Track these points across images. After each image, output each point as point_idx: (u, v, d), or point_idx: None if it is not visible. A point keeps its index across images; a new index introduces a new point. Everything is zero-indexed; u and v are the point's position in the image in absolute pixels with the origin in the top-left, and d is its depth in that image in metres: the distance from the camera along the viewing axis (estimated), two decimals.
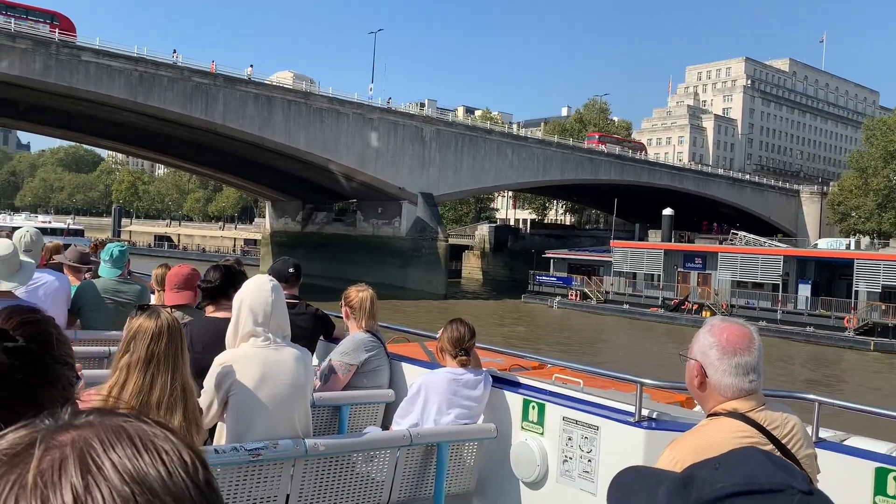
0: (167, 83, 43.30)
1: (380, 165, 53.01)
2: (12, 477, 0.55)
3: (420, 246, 54.20)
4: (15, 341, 1.20)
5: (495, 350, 5.27)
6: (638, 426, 3.66)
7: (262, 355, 3.32)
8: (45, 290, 5.11)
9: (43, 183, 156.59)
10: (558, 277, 54.88)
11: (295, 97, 49.10)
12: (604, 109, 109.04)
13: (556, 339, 39.48)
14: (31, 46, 38.71)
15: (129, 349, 2.71)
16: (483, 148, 59.29)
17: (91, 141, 56.80)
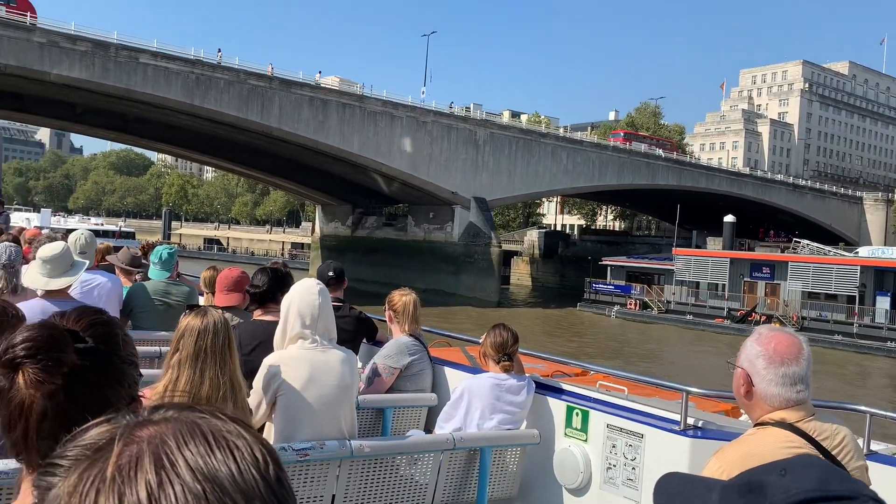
0: (223, 86, 42.96)
1: (433, 169, 52.04)
2: (94, 471, 0.58)
3: (473, 252, 53.04)
4: (85, 342, 1.24)
5: (537, 356, 5.18)
6: (683, 434, 3.63)
7: (310, 357, 3.37)
8: (99, 291, 5.24)
9: (95, 186, 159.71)
10: (616, 286, 53.17)
11: (350, 100, 48.42)
12: (656, 113, 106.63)
13: (614, 350, 37.93)
14: (91, 48, 38.66)
15: (178, 347, 2.81)
16: (537, 152, 57.92)
17: (145, 144, 57.00)
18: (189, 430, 0.60)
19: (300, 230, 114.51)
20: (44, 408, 1.18)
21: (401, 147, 50.21)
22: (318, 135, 46.70)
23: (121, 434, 0.60)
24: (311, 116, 46.44)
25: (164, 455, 0.57)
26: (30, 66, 36.90)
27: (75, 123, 50.34)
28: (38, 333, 1.23)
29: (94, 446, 0.61)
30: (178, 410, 0.63)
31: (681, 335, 45.26)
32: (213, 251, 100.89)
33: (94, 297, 5.19)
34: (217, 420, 0.62)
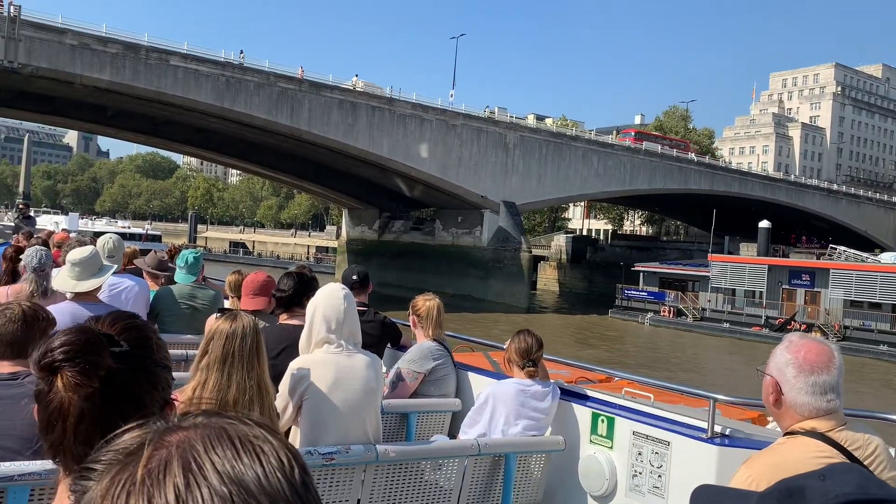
0: (253, 88, 42.60)
1: (462, 173, 51.35)
2: (125, 475, 0.60)
3: (502, 257, 52.22)
4: (120, 346, 1.27)
5: (561, 361, 5.18)
6: (710, 442, 3.60)
7: (335, 361, 3.38)
8: (127, 295, 5.32)
9: (122, 189, 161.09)
10: (649, 292, 52.04)
11: (379, 103, 47.89)
12: (685, 117, 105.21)
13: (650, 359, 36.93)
14: (122, 51, 38.46)
15: (207, 350, 2.83)
16: (568, 155, 57.01)
17: (175, 147, 56.93)
18: (216, 434, 0.62)
19: (325, 234, 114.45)
20: (81, 410, 1.20)
21: (430, 150, 49.56)
22: (348, 138, 46.20)
23: (151, 439, 0.62)
24: (340, 119, 45.96)
25: (192, 459, 0.59)
26: (61, 68, 36.76)
27: (105, 126, 50.30)
28: (75, 337, 1.25)
29: (126, 450, 0.63)
30: (206, 416, 0.65)
31: (716, 344, 44.10)
32: (238, 255, 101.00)
33: (122, 300, 5.25)
34: (244, 425, 0.64)
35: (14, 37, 35.14)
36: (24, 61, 35.61)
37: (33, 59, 35.93)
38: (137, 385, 1.28)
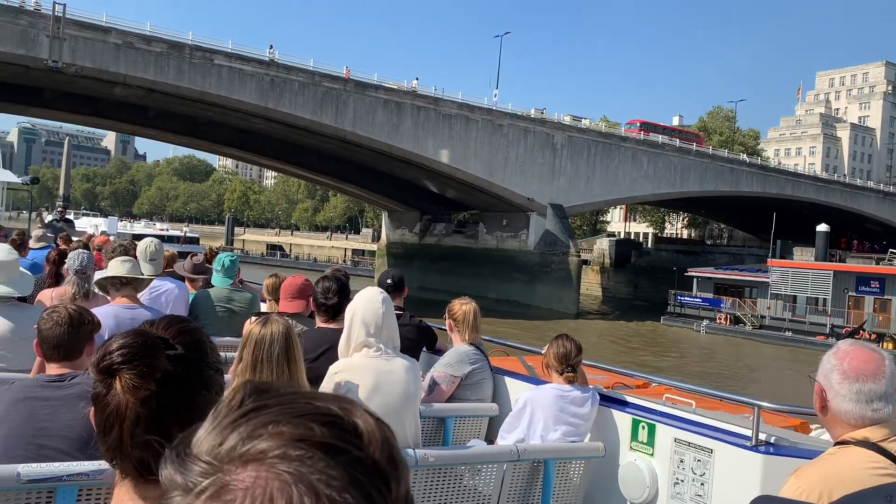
0: (298, 88, 41.56)
1: (508, 174, 49.80)
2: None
3: (549, 261, 50.54)
4: (175, 349, 1.28)
5: (598, 366, 5.03)
6: (755, 451, 3.52)
7: (375, 365, 3.39)
8: (167, 298, 5.55)
9: (159, 192, 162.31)
10: (703, 299, 49.95)
11: (424, 103, 46.58)
12: (729, 117, 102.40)
13: (713, 369, 35.03)
14: (166, 50, 37.66)
15: (241, 357, 2.88)
16: (617, 156, 55.15)
17: (215, 149, 56.27)
18: (295, 483, 0.54)
19: (360, 236, 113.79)
20: (137, 413, 1.22)
21: (476, 151, 48.10)
22: (392, 138, 44.96)
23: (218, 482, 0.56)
24: (385, 119, 44.74)
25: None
26: (105, 67, 36.06)
27: (147, 128, 49.71)
28: (133, 340, 1.27)
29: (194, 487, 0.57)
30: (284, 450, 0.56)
31: (777, 353, 41.95)
32: (275, 257, 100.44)
33: (162, 302, 5.35)
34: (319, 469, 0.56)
35: (59, 36, 34.51)
36: (69, 61, 34.95)
37: (77, 59, 35.25)
38: (192, 388, 1.28)
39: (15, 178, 18.95)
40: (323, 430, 0.57)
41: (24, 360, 3.85)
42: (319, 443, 0.56)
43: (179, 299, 5.74)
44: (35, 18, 34.35)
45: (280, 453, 0.55)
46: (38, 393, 2.56)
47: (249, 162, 64.88)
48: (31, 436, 2.48)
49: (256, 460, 0.55)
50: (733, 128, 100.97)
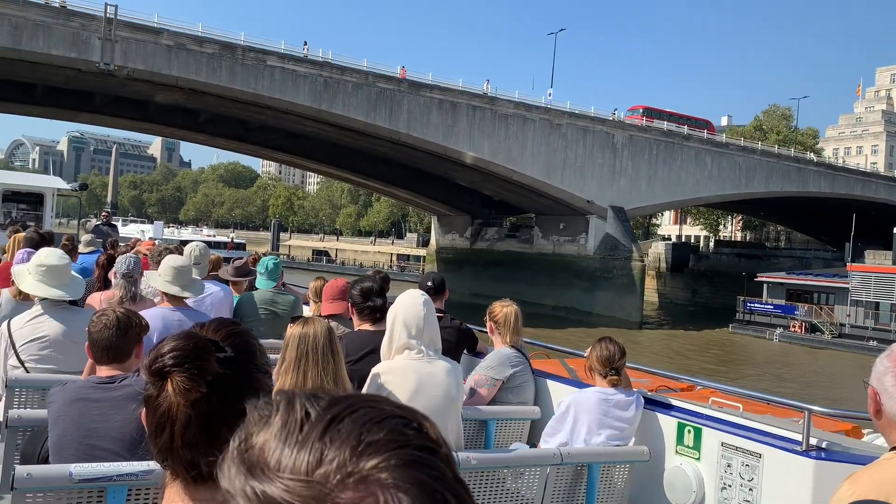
0: (351, 89, 40.18)
1: (567, 176, 47.76)
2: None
3: (611, 266, 48.30)
4: (225, 352, 1.30)
5: (641, 369, 5.02)
6: (806, 456, 3.46)
7: (417, 367, 3.39)
8: (212, 300, 5.68)
9: (205, 198, 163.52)
10: (775, 305, 47.20)
11: (480, 102, 44.84)
12: (786, 116, 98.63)
13: (806, 384, 32.59)
14: (218, 51, 36.59)
15: (284, 357, 2.94)
16: (679, 156, 52.68)
17: (265, 154, 55.32)
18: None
19: (405, 241, 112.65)
20: (188, 416, 1.22)
21: (533, 152, 46.21)
22: (448, 140, 43.32)
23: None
24: (439, 120, 43.11)
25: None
26: (157, 69, 35.10)
27: (197, 133, 48.92)
28: (184, 343, 1.29)
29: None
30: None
31: (859, 362, 39.21)
32: (321, 262, 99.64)
33: (207, 305, 5.51)
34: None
35: (110, 38, 33.64)
36: (121, 63, 34.07)
37: (129, 61, 34.35)
38: (241, 390, 1.26)
39: (65, 184, 19.03)
40: (411, 433, 0.57)
41: (75, 362, 3.96)
42: (417, 446, 0.56)
43: (224, 302, 5.85)
44: (87, 21, 33.54)
45: (391, 464, 0.54)
46: (89, 394, 2.64)
47: (299, 167, 63.92)
48: (83, 436, 2.55)
49: (371, 478, 0.54)
50: (791, 126, 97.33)
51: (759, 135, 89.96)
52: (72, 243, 9.14)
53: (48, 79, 36.15)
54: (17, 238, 7.48)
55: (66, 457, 2.51)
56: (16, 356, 4.16)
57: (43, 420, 2.89)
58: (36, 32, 32.18)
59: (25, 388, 4.00)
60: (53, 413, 2.64)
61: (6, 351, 4.20)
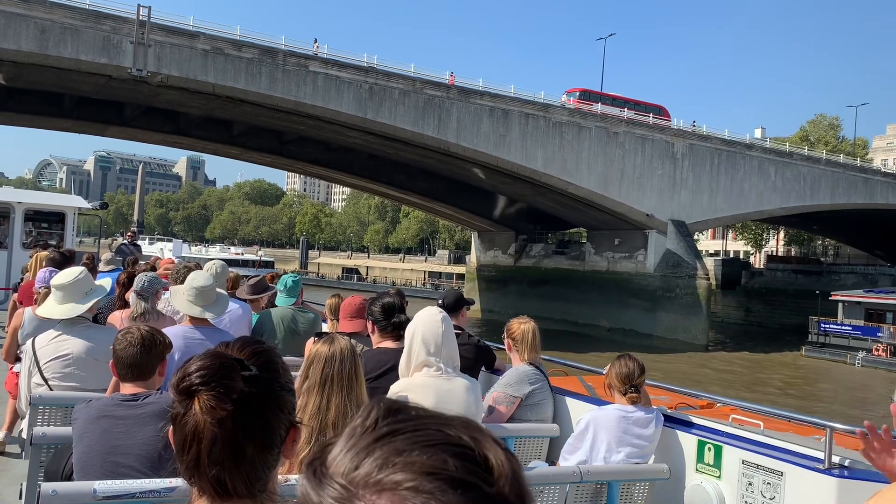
0: (398, 96, 37.35)
1: (625, 188, 44.50)
2: None
3: (673, 285, 44.83)
4: (250, 370, 1.31)
5: (660, 386, 4.98)
6: (828, 474, 3.42)
7: (436, 385, 3.41)
8: (231, 318, 5.71)
9: (231, 216, 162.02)
10: (854, 326, 43.41)
11: (533, 109, 41.81)
12: (833, 125, 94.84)
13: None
14: (258, 56, 33.94)
15: (307, 375, 2.88)
16: (742, 166, 49.21)
17: (300, 168, 52.69)
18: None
19: (436, 258, 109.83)
20: (214, 434, 1.24)
21: (589, 162, 43.05)
22: (499, 150, 40.30)
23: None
24: (490, 129, 40.13)
25: None
26: (193, 76, 32.51)
27: (230, 146, 46.37)
28: (210, 362, 1.30)
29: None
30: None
31: None
32: (352, 281, 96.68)
33: (226, 323, 5.50)
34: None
35: (143, 42, 31.09)
36: (154, 69, 31.50)
37: (163, 67, 31.78)
38: (266, 408, 1.28)
39: (86, 203, 19.01)
40: (455, 462, 0.57)
41: (97, 379, 4.10)
42: (452, 477, 0.56)
43: (243, 319, 5.93)
44: (118, 23, 31.03)
45: (413, 486, 0.55)
46: (113, 412, 2.68)
47: (334, 181, 61.24)
48: (107, 453, 2.60)
49: (389, 490, 0.55)
50: (839, 137, 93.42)
51: (806, 145, 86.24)
52: (91, 262, 9.21)
53: (77, 87, 33.73)
54: (39, 257, 7.58)
55: (91, 473, 2.56)
56: (39, 374, 4.24)
57: (66, 437, 2.98)
58: (64, 36, 29.72)
59: (49, 405, 4.04)
60: (78, 430, 2.69)
61: (30, 369, 4.28)
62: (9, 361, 5.67)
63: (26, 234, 15.85)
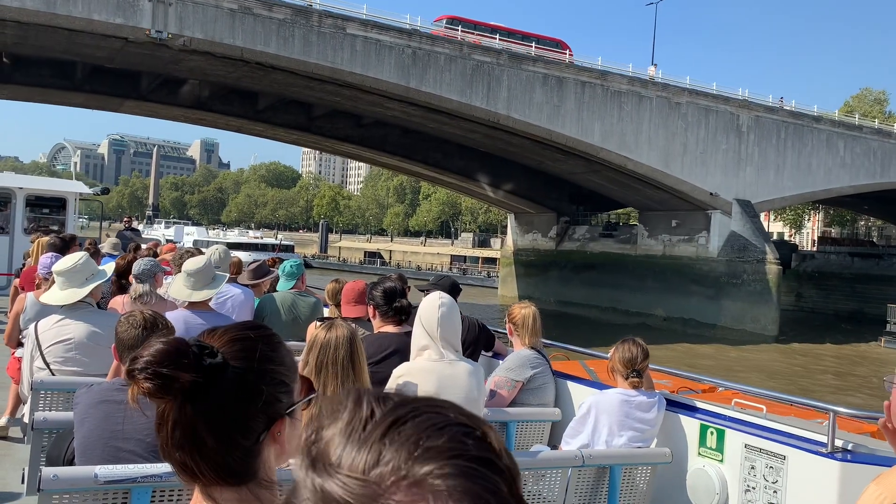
0: (444, 63, 33.55)
1: (687, 164, 40.60)
2: None
3: (740, 270, 40.99)
4: (213, 358, 1.23)
5: (662, 370, 5.04)
6: (831, 458, 3.47)
7: (438, 369, 3.45)
8: (233, 303, 5.80)
9: (248, 199, 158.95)
10: None
11: (590, 77, 37.89)
12: (880, 100, 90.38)
13: None
14: (290, 16, 30.22)
15: (306, 361, 2.92)
16: (810, 140, 45.11)
17: (329, 145, 49.03)
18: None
19: (460, 241, 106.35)
20: (175, 419, 1.22)
21: (650, 136, 39.17)
22: (553, 123, 36.48)
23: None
24: (544, 99, 36.29)
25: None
26: (219, 39, 28.88)
27: (254, 122, 42.82)
28: (157, 348, 1.24)
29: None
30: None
31: None
32: (375, 265, 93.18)
33: (228, 308, 5.62)
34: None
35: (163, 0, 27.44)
36: (175, 31, 27.90)
37: (185, 29, 28.16)
38: (234, 398, 1.22)
39: (87, 189, 19.24)
40: (472, 442, 0.58)
41: (99, 364, 4.06)
42: (474, 456, 0.57)
43: (245, 304, 5.89)
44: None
45: (444, 472, 0.55)
46: (114, 396, 2.66)
47: (363, 159, 57.61)
48: (108, 438, 2.60)
49: (420, 479, 0.55)
50: (885, 112, 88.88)
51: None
52: (94, 247, 9.36)
53: (89, 53, 30.19)
54: (41, 242, 7.71)
55: (92, 458, 2.56)
56: (41, 358, 4.24)
57: (68, 422, 2.99)
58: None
59: (51, 390, 4.04)
60: (79, 414, 2.69)
61: (33, 353, 4.28)
62: (11, 346, 5.71)
63: (28, 219, 15.98)
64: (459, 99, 33.87)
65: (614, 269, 47.99)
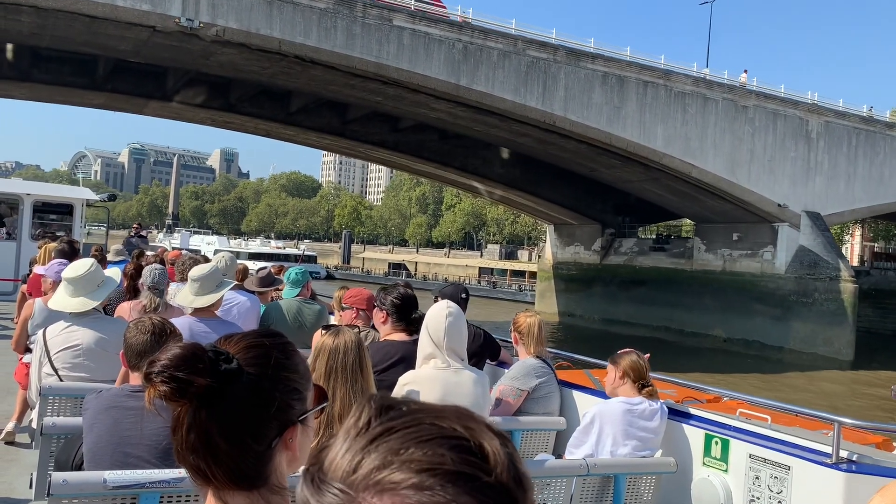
0: (497, 59, 30.60)
1: (754, 172, 37.36)
2: None
3: (811, 288, 37.59)
4: (229, 364, 1.25)
5: (667, 380, 4.94)
6: (836, 468, 3.41)
7: (443, 377, 3.44)
8: (239, 310, 5.74)
9: (268, 208, 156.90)
10: None
11: (652, 76, 34.80)
12: None
13: None
14: (332, 6, 27.40)
15: (314, 368, 2.85)
16: (882, 148, 41.74)
17: (363, 151, 46.22)
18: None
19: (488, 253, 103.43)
20: (189, 423, 1.23)
21: (715, 141, 36.00)
22: (613, 126, 33.41)
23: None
24: (603, 100, 33.24)
25: None
26: (255, 29, 26.11)
27: (285, 126, 40.16)
28: (174, 353, 1.26)
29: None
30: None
31: None
32: (400, 277, 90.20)
33: (233, 315, 5.55)
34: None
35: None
36: (208, 19, 25.17)
37: (218, 17, 25.43)
38: (249, 405, 1.23)
39: (94, 195, 19.22)
40: (452, 456, 0.57)
41: (106, 370, 4.07)
42: (450, 471, 0.56)
43: (251, 312, 5.89)
44: None
45: (413, 483, 0.55)
46: (123, 402, 2.68)
47: (400, 167, 54.85)
48: (117, 443, 2.61)
49: (390, 490, 0.56)
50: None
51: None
52: (100, 253, 9.57)
53: (112, 45, 27.51)
54: (48, 248, 7.89)
55: (101, 463, 2.56)
56: (50, 364, 4.23)
57: (76, 428, 3.00)
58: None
59: (59, 396, 4.06)
60: (88, 420, 2.70)
61: (41, 359, 4.29)
62: (19, 352, 5.69)
63: (35, 225, 15.91)
64: (514, 99, 30.89)
65: (667, 285, 44.66)
